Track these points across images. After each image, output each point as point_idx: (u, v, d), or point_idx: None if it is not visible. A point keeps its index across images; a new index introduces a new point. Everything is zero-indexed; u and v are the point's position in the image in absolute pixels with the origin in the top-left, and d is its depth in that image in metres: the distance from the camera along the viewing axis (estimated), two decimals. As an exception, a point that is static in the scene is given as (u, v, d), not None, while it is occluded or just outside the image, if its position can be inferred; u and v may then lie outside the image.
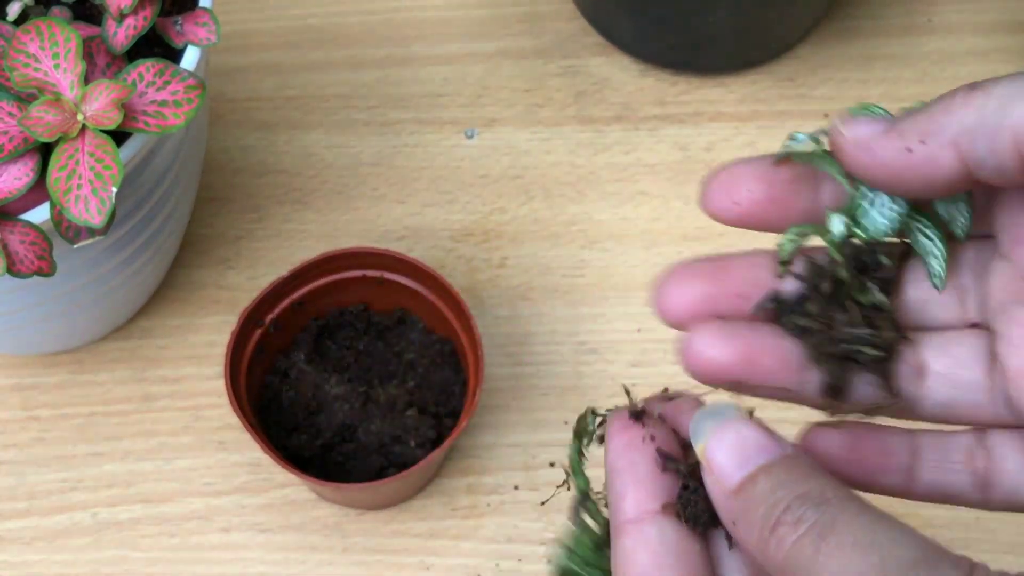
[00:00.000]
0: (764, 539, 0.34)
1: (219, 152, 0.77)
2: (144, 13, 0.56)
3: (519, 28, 0.81)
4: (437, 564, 0.66)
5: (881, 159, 0.38)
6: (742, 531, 0.35)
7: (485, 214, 0.75)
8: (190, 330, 0.72)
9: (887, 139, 0.38)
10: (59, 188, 0.52)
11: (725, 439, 0.36)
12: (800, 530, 0.33)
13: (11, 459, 0.69)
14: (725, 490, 0.35)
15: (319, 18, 0.82)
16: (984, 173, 0.37)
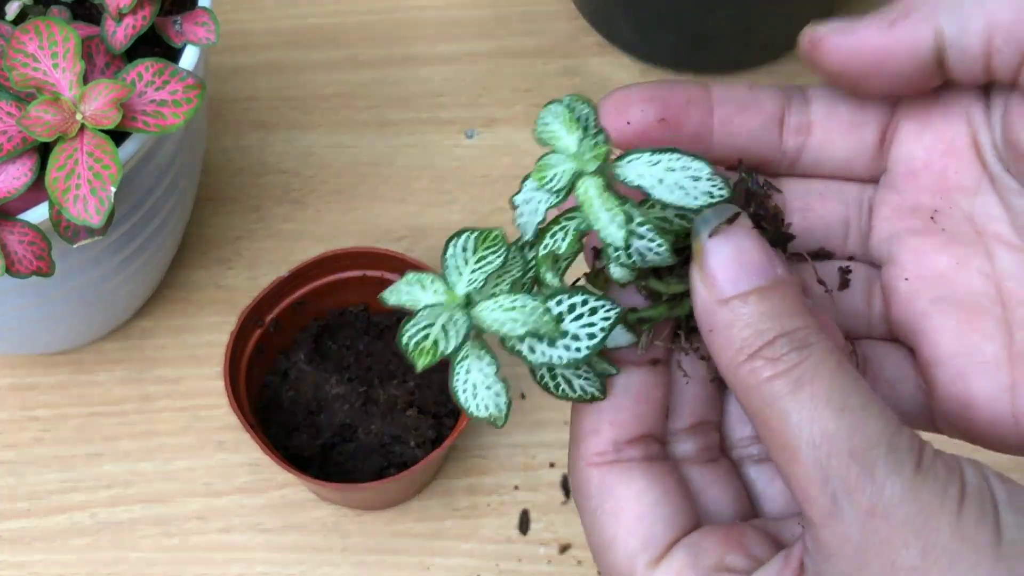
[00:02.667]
0: (738, 362, 0.35)
1: (218, 152, 0.77)
2: (143, 12, 0.56)
3: (519, 28, 0.81)
4: (437, 564, 0.66)
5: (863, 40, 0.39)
6: (717, 342, 0.35)
7: (485, 214, 0.75)
8: (189, 330, 0.72)
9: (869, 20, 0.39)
10: (58, 188, 0.52)
11: (726, 247, 0.36)
12: (778, 368, 0.34)
13: (10, 459, 0.69)
14: (713, 298, 0.36)
15: (319, 18, 0.82)
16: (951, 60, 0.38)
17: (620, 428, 0.39)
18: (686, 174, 0.37)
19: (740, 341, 0.35)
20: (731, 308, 0.35)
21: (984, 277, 0.40)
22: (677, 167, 0.37)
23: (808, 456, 0.33)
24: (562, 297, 0.37)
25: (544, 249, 0.38)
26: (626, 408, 0.39)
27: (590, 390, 0.39)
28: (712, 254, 0.36)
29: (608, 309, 0.37)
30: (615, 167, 0.37)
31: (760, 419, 0.35)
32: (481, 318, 0.37)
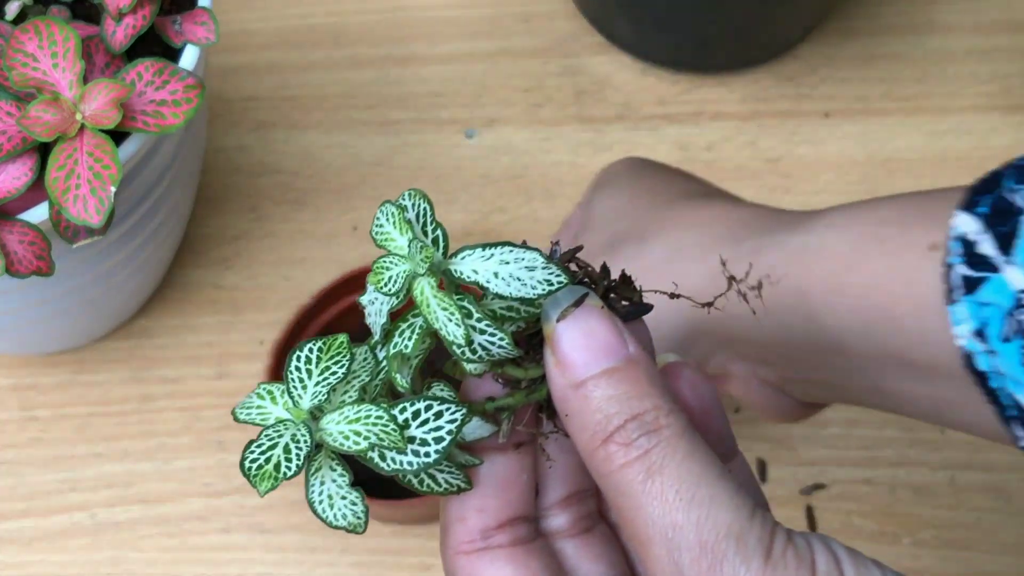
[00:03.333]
0: (594, 447, 0.35)
1: (218, 152, 0.77)
2: (143, 12, 0.56)
3: (519, 28, 0.81)
4: (437, 564, 0.66)
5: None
6: (573, 427, 0.36)
7: (485, 214, 0.75)
8: (189, 330, 0.72)
9: None
10: (58, 188, 0.52)
11: (576, 329, 0.36)
12: (631, 455, 0.34)
13: (10, 459, 0.69)
14: (566, 382, 0.36)
15: (319, 18, 0.82)
16: None
17: (487, 515, 0.38)
18: (520, 265, 0.37)
19: (593, 426, 0.35)
20: (584, 392, 0.35)
21: None
22: (511, 259, 0.36)
23: (660, 549, 0.34)
24: (405, 404, 0.37)
25: (393, 349, 0.37)
26: (492, 495, 0.38)
27: (455, 483, 0.38)
28: (562, 338, 0.36)
29: (453, 412, 0.36)
30: (450, 264, 0.37)
31: (616, 506, 0.35)
32: (326, 432, 0.37)
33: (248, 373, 0.71)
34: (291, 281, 0.73)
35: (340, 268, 0.73)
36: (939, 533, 0.66)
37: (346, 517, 0.38)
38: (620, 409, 0.35)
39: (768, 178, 0.75)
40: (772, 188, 0.75)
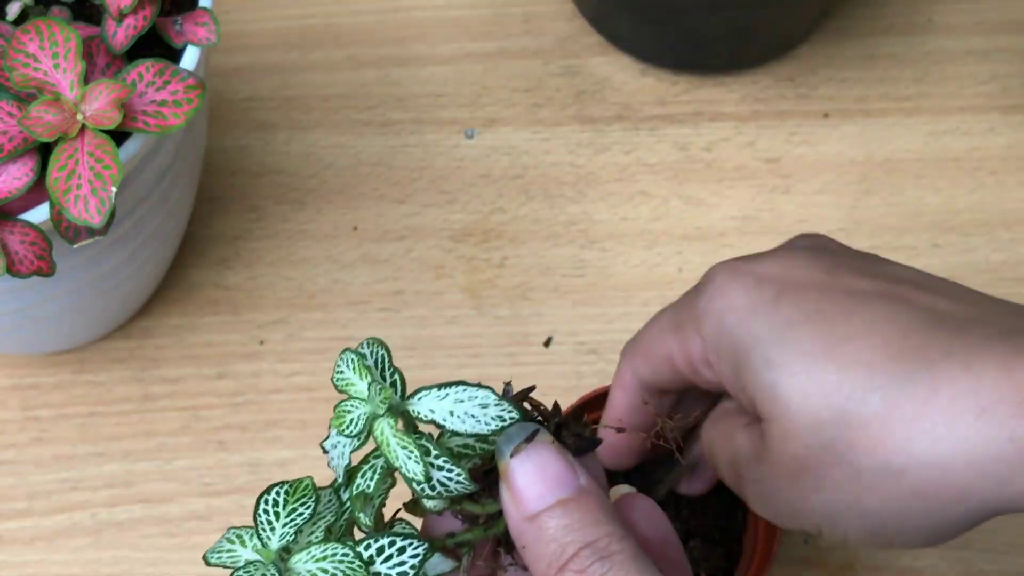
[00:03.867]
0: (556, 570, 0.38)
1: (218, 152, 0.77)
2: (144, 13, 0.56)
3: (519, 28, 0.81)
4: (437, 564, 0.66)
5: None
6: (530, 557, 0.38)
7: (485, 214, 0.75)
8: (189, 330, 0.72)
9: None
10: (58, 188, 0.52)
11: (529, 464, 0.39)
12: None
13: (11, 459, 0.69)
14: (520, 515, 0.38)
15: (319, 18, 0.82)
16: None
17: None
18: (474, 403, 0.38)
19: (549, 556, 0.37)
20: (539, 523, 0.38)
21: None
22: (464, 397, 0.38)
23: None
24: (370, 541, 0.39)
25: (356, 489, 0.39)
26: None
27: None
28: (516, 472, 0.38)
29: (416, 547, 0.38)
30: (408, 404, 0.39)
31: None
32: (294, 572, 0.38)
33: (248, 373, 0.71)
34: (292, 281, 0.73)
35: (340, 268, 0.74)
36: (938, 533, 0.67)
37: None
38: (574, 538, 0.37)
39: (767, 178, 0.75)
40: (771, 188, 0.75)
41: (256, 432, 0.70)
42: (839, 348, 0.42)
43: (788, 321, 0.43)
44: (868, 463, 0.41)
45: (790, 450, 0.42)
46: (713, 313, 0.45)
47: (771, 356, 0.43)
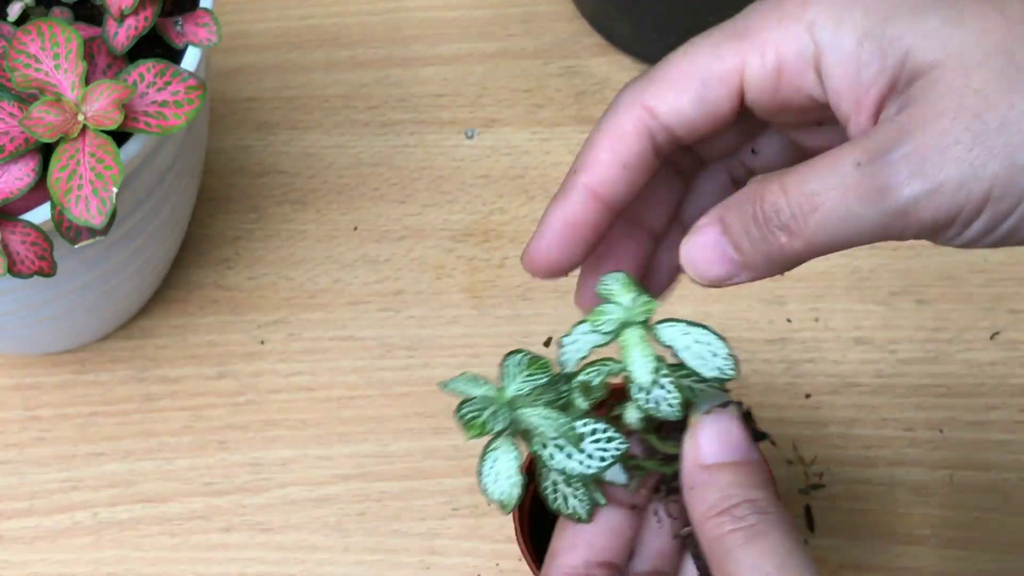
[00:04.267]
0: (708, 516, 0.41)
1: (219, 152, 0.77)
2: (145, 14, 0.56)
3: (519, 28, 0.81)
4: (437, 563, 0.66)
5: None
6: (694, 498, 0.42)
7: (485, 214, 0.75)
8: (190, 330, 0.72)
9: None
10: (60, 188, 0.52)
11: (716, 426, 0.43)
12: (739, 524, 0.40)
13: (12, 459, 0.69)
14: (697, 462, 0.42)
15: (319, 19, 0.82)
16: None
17: (593, 551, 0.45)
18: (708, 348, 0.43)
19: (713, 499, 0.41)
20: (711, 472, 0.42)
21: None
22: (703, 340, 0.43)
23: None
24: (588, 420, 0.44)
25: (582, 377, 0.44)
26: (602, 536, 0.45)
27: (580, 511, 0.45)
28: (704, 427, 0.43)
29: (621, 442, 0.44)
30: (655, 328, 0.44)
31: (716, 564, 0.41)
32: (522, 416, 0.44)
33: (249, 373, 0.71)
34: (292, 281, 0.74)
35: (341, 268, 0.74)
36: (937, 532, 0.67)
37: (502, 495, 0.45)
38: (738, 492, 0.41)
39: (767, 178, 0.76)
40: (771, 188, 0.75)
41: (257, 432, 0.70)
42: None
43: None
44: None
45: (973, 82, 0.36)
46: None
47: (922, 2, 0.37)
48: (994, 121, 0.36)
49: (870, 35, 0.38)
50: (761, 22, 0.41)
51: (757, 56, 0.41)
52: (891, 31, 0.38)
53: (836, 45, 0.39)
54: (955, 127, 0.36)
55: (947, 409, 0.70)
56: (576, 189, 0.43)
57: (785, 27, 0.40)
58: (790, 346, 0.71)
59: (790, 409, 0.70)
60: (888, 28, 0.38)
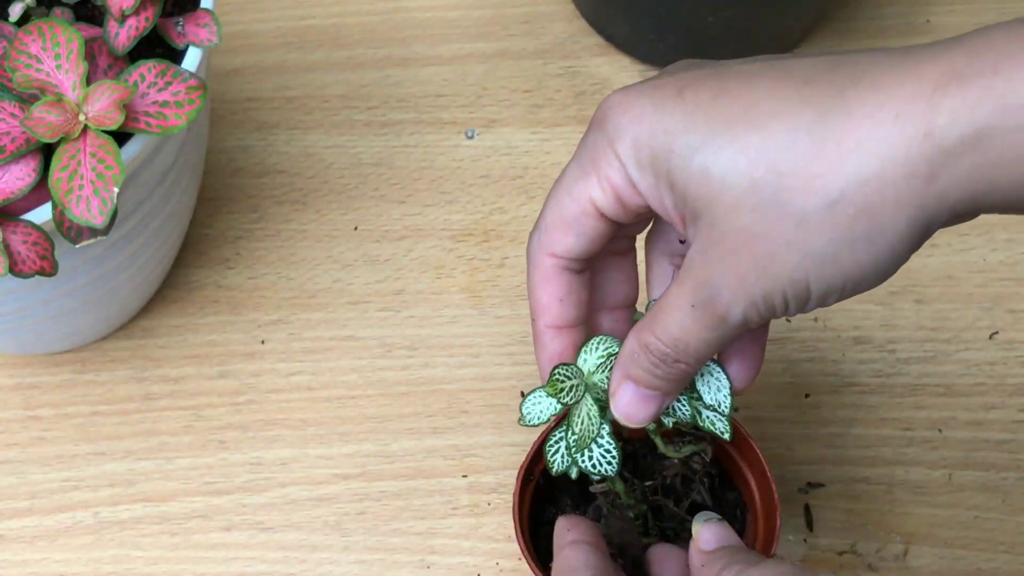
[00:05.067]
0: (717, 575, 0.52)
1: (219, 152, 0.77)
2: (146, 14, 0.56)
3: (519, 29, 0.81)
4: (437, 563, 0.67)
5: None
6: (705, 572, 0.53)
7: (485, 214, 0.75)
8: (191, 329, 0.72)
9: None
10: (61, 188, 0.52)
11: (713, 528, 0.55)
12: (734, 570, 0.51)
13: (12, 458, 0.69)
14: (701, 549, 0.54)
15: (320, 19, 0.82)
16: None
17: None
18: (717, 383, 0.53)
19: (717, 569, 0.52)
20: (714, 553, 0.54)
21: None
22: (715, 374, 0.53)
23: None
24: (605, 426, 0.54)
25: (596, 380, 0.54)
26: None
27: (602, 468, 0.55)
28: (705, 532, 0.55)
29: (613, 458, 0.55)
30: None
31: None
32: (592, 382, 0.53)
33: (249, 372, 0.71)
34: (292, 281, 0.74)
35: (341, 268, 0.74)
36: (937, 532, 0.67)
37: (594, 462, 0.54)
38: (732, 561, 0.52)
39: (767, 179, 0.76)
40: (771, 188, 0.75)
41: (257, 431, 0.70)
42: (750, 113, 0.44)
43: (696, 105, 0.45)
44: (811, 203, 0.43)
45: (737, 223, 0.44)
46: (624, 130, 0.47)
47: (692, 142, 0.45)
48: (766, 255, 0.44)
49: (659, 176, 0.46)
50: (593, 159, 0.48)
51: (598, 190, 0.48)
52: (673, 174, 0.46)
53: (641, 181, 0.47)
54: (743, 264, 0.44)
55: (946, 409, 0.70)
56: (542, 332, 0.53)
57: (608, 163, 0.48)
58: (789, 345, 0.71)
59: (789, 408, 0.70)
60: (671, 171, 0.46)
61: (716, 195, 0.44)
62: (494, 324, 0.72)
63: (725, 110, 0.44)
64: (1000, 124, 0.40)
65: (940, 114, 0.41)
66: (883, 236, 0.43)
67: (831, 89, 0.43)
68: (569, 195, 0.49)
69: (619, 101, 0.47)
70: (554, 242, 0.51)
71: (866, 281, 0.44)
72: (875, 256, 0.43)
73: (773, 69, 0.45)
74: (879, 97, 0.42)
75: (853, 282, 0.44)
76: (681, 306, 0.47)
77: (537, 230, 0.52)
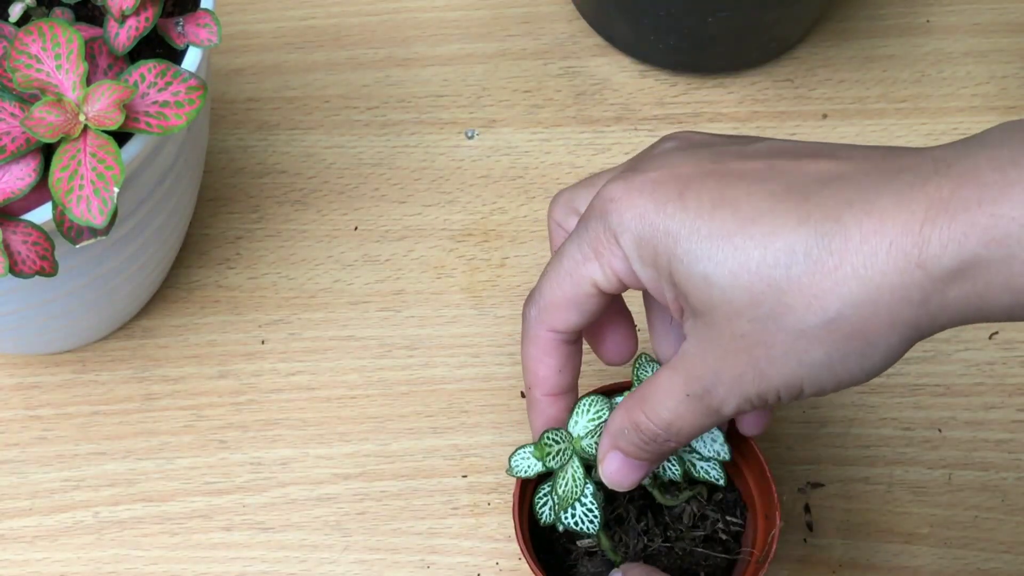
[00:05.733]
0: None
1: (220, 152, 0.77)
2: (146, 14, 0.56)
3: (519, 29, 0.81)
4: (437, 563, 0.67)
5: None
6: None
7: (485, 214, 0.76)
8: (191, 329, 0.72)
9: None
10: (61, 188, 0.52)
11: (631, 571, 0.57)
12: None
13: (13, 458, 0.69)
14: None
15: (320, 19, 0.82)
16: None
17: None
18: (710, 436, 0.57)
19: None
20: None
21: None
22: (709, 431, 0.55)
23: None
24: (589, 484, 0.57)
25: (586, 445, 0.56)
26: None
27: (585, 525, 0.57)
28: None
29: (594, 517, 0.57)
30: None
31: None
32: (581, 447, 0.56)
33: (250, 372, 0.71)
34: (293, 281, 0.74)
35: (341, 268, 0.74)
36: (936, 532, 0.67)
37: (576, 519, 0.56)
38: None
39: (766, 179, 0.76)
40: (770, 189, 0.75)
41: (257, 431, 0.70)
42: (753, 227, 0.46)
43: (697, 213, 0.47)
44: (809, 320, 0.45)
45: (736, 330, 0.47)
46: (626, 225, 0.49)
47: (695, 251, 0.47)
48: (764, 360, 0.47)
49: (661, 272, 0.49)
50: (595, 247, 0.50)
51: (600, 274, 0.51)
52: (675, 275, 0.48)
53: (643, 273, 0.49)
54: (740, 366, 0.47)
55: (945, 408, 0.70)
56: (539, 400, 0.56)
57: (612, 252, 0.50)
58: (789, 346, 0.71)
59: (789, 408, 0.70)
60: (673, 272, 0.48)
61: (717, 303, 0.47)
62: (494, 324, 0.72)
63: (727, 221, 0.46)
64: (986, 255, 0.43)
65: (930, 245, 0.43)
66: (876, 351, 0.46)
67: (828, 210, 0.45)
68: (571, 278, 0.52)
69: (621, 196, 0.49)
70: (555, 319, 0.53)
71: (856, 382, 0.47)
72: (867, 365, 0.47)
73: (773, 177, 0.47)
74: (873, 224, 0.44)
75: (845, 384, 0.47)
76: (675, 394, 0.50)
77: (535, 305, 0.54)
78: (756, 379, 0.47)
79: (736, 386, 0.48)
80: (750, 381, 0.47)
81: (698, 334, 0.48)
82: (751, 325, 0.46)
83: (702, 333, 0.48)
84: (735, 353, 0.47)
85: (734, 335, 0.47)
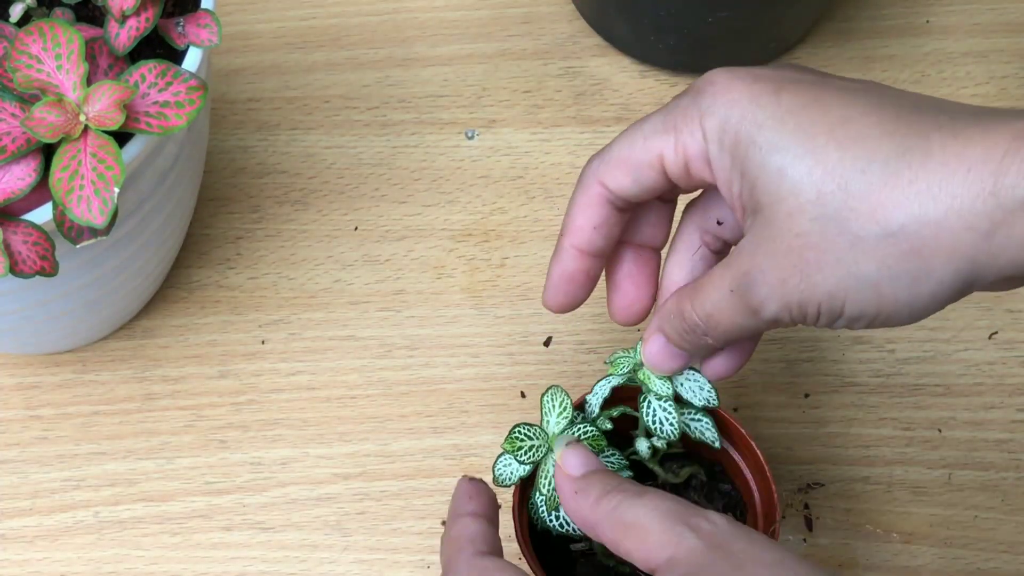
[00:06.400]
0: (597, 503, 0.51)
1: (220, 153, 0.78)
2: (146, 15, 0.56)
3: (519, 29, 0.81)
4: (437, 563, 0.67)
5: None
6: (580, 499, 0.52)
7: (485, 214, 0.76)
8: (191, 329, 0.73)
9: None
10: (61, 188, 0.52)
11: (575, 453, 0.54)
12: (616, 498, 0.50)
13: (13, 458, 0.69)
14: (570, 476, 0.53)
15: (320, 19, 0.82)
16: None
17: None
18: (697, 384, 0.57)
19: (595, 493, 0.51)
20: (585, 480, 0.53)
21: None
22: (693, 379, 0.57)
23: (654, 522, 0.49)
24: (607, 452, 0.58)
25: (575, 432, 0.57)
26: None
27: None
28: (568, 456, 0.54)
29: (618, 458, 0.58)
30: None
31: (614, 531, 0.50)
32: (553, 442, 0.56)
33: (250, 372, 0.71)
34: (293, 281, 0.74)
35: (341, 268, 0.74)
36: (936, 531, 0.67)
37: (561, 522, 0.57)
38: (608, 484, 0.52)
39: (766, 179, 0.76)
40: (770, 189, 0.75)
41: (257, 431, 0.70)
42: (839, 129, 0.46)
43: (789, 109, 0.47)
44: (869, 228, 0.45)
45: (795, 227, 0.46)
46: (717, 108, 0.49)
47: (776, 140, 0.47)
48: (813, 264, 0.46)
49: (735, 160, 0.48)
50: (678, 122, 0.50)
51: (671, 150, 0.50)
52: (748, 164, 0.48)
53: (718, 159, 0.49)
54: (789, 267, 0.47)
55: (945, 408, 0.70)
56: (565, 249, 0.55)
57: (691, 131, 0.50)
58: (789, 345, 0.71)
59: (789, 408, 0.70)
60: (747, 161, 0.48)
61: (783, 196, 0.47)
62: (494, 324, 0.72)
63: (816, 120, 0.47)
64: None
65: (1007, 175, 0.43)
66: (928, 279, 0.45)
67: (917, 127, 0.45)
68: (644, 141, 0.51)
69: (722, 80, 0.49)
70: (611, 176, 0.53)
71: (898, 316, 0.47)
72: (914, 296, 0.46)
73: (870, 95, 0.47)
74: (957, 147, 0.44)
75: (885, 314, 0.47)
76: (721, 287, 0.50)
77: (600, 158, 0.53)
78: (801, 283, 0.47)
79: (779, 288, 0.47)
80: (795, 286, 0.47)
81: (755, 231, 0.48)
82: (811, 224, 0.46)
83: (760, 231, 0.48)
84: (786, 253, 0.47)
85: (791, 232, 0.46)
